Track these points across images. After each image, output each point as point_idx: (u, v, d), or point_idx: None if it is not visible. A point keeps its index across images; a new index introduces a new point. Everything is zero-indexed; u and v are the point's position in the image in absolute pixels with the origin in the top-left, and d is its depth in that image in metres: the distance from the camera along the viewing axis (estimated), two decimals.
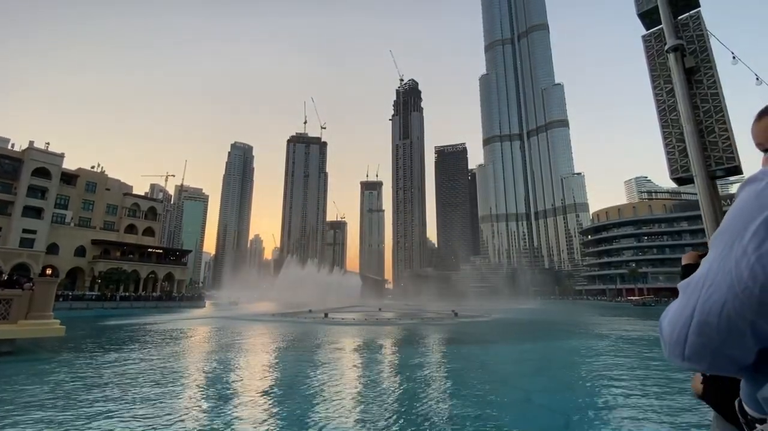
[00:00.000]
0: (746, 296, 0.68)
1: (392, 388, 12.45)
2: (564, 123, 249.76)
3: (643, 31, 3.73)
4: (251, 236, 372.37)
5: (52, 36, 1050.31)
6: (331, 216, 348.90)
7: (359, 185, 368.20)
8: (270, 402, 10.81)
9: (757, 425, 0.86)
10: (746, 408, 0.88)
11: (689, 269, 1.10)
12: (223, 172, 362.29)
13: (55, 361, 16.35)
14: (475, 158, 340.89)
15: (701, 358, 0.76)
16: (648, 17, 3.67)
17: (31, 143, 68.31)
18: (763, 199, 0.72)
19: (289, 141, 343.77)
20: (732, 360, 0.75)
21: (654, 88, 3.52)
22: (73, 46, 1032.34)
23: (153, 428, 8.42)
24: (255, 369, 15.42)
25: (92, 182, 78.48)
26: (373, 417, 9.43)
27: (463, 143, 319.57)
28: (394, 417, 9.48)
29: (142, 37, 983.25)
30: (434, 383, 13.39)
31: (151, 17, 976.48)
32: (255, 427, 8.66)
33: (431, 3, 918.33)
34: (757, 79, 4.12)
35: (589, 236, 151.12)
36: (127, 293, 69.22)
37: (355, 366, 16.55)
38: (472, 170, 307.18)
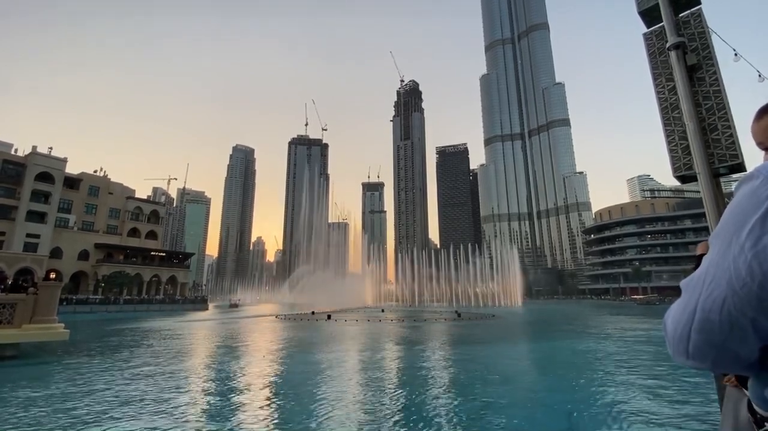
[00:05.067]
0: (745, 293, 0.69)
1: (395, 388, 12.42)
2: (565, 122, 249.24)
3: (644, 29, 3.72)
4: (253, 239, 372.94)
5: (52, 37, 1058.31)
6: (332, 218, 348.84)
7: (361, 187, 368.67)
8: (273, 403, 10.80)
9: (765, 423, 0.86)
10: (755, 406, 0.88)
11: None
12: (225, 174, 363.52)
13: (59, 365, 16.38)
14: (477, 157, 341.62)
15: (705, 356, 0.77)
16: (649, 15, 3.65)
17: (34, 147, 68.75)
18: (759, 196, 0.73)
19: (290, 143, 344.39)
20: (735, 357, 0.75)
21: (656, 86, 3.51)
22: (74, 48, 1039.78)
23: (156, 429, 8.44)
24: (258, 370, 15.41)
25: (95, 186, 78.91)
26: (376, 417, 9.41)
27: (465, 143, 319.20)
28: (397, 416, 9.46)
29: (143, 39, 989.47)
30: (438, 383, 13.35)
31: (152, 18, 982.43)
32: (257, 428, 8.65)
33: (431, 4, 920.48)
34: (760, 75, 4.10)
35: (592, 236, 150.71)
36: (130, 297, 69.50)
37: (357, 366, 16.53)
38: (473, 170, 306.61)
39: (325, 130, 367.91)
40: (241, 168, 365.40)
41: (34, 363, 16.87)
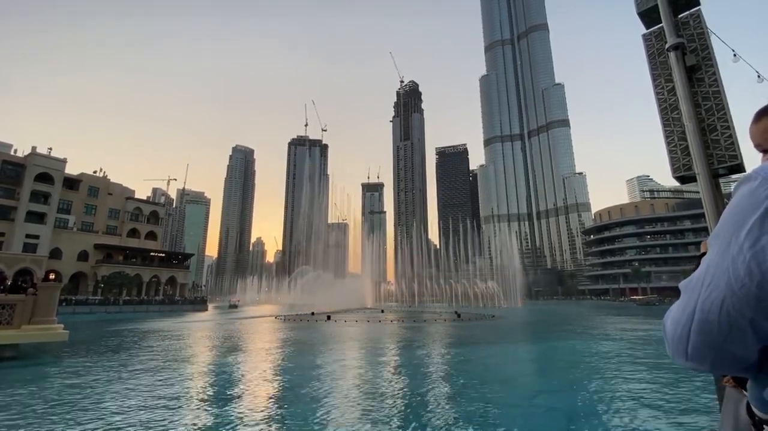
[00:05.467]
0: (744, 294, 0.69)
1: (395, 389, 12.41)
2: (565, 123, 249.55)
3: (643, 30, 3.72)
4: (253, 239, 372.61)
5: (52, 37, 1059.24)
6: (332, 218, 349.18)
7: (360, 187, 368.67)
8: (273, 403, 10.79)
9: (764, 426, 0.86)
10: (754, 409, 0.88)
11: None
12: (225, 175, 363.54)
13: (59, 366, 16.37)
14: (476, 158, 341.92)
15: (704, 357, 0.76)
16: (648, 16, 3.66)
17: (34, 148, 68.74)
18: (757, 197, 0.73)
19: (290, 144, 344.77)
20: (735, 359, 0.75)
21: (655, 86, 3.51)
22: (74, 48, 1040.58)
23: None
24: (258, 371, 15.40)
25: (95, 187, 78.87)
26: (376, 417, 9.40)
27: (464, 144, 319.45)
28: (397, 417, 9.45)
29: (143, 39, 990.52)
30: (437, 383, 13.34)
31: (152, 18, 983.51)
32: (257, 429, 8.65)
33: (430, 4, 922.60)
34: (759, 76, 4.11)
35: (592, 236, 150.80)
36: (129, 297, 69.43)
37: (356, 367, 16.52)
38: (473, 170, 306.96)
39: (325, 130, 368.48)
40: (241, 169, 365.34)
41: (33, 364, 16.84)
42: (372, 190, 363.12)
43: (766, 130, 1.04)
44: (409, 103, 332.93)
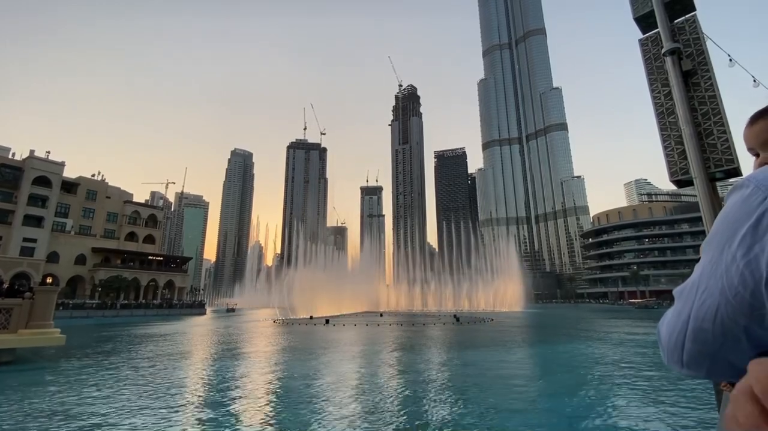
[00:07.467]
0: (738, 302, 0.69)
1: (394, 393, 12.36)
2: (563, 127, 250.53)
3: (640, 35, 3.75)
4: (251, 243, 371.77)
5: (49, 39, 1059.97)
6: (331, 222, 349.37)
7: (359, 191, 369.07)
8: (272, 406, 10.74)
9: None
10: None
11: None
12: (224, 179, 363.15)
13: (56, 370, 16.26)
14: (475, 162, 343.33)
15: (699, 364, 0.76)
16: (644, 21, 3.69)
17: (32, 151, 68.64)
18: (750, 205, 0.73)
19: (288, 147, 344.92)
20: (730, 366, 0.75)
21: (652, 91, 3.54)
22: (71, 50, 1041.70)
23: None
24: (255, 376, 15.33)
25: (93, 190, 78.70)
26: (375, 421, 9.36)
27: (463, 148, 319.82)
28: (396, 421, 9.41)
29: (141, 41, 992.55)
30: (436, 387, 13.29)
31: (151, 20, 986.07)
32: None
33: (429, 9, 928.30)
34: (755, 80, 4.14)
35: (590, 239, 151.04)
36: (127, 301, 69.11)
37: (356, 371, 16.45)
38: (471, 174, 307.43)
39: (324, 134, 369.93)
40: (240, 172, 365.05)
41: (30, 369, 16.74)
42: (371, 193, 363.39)
43: (761, 133, 1.04)
44: (407, 107, 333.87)
